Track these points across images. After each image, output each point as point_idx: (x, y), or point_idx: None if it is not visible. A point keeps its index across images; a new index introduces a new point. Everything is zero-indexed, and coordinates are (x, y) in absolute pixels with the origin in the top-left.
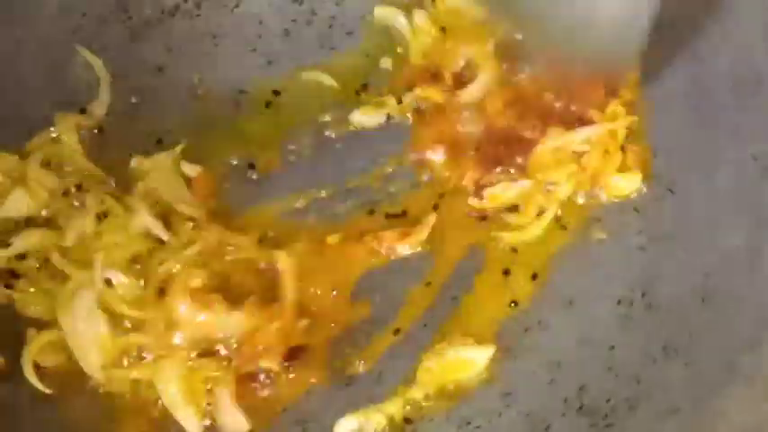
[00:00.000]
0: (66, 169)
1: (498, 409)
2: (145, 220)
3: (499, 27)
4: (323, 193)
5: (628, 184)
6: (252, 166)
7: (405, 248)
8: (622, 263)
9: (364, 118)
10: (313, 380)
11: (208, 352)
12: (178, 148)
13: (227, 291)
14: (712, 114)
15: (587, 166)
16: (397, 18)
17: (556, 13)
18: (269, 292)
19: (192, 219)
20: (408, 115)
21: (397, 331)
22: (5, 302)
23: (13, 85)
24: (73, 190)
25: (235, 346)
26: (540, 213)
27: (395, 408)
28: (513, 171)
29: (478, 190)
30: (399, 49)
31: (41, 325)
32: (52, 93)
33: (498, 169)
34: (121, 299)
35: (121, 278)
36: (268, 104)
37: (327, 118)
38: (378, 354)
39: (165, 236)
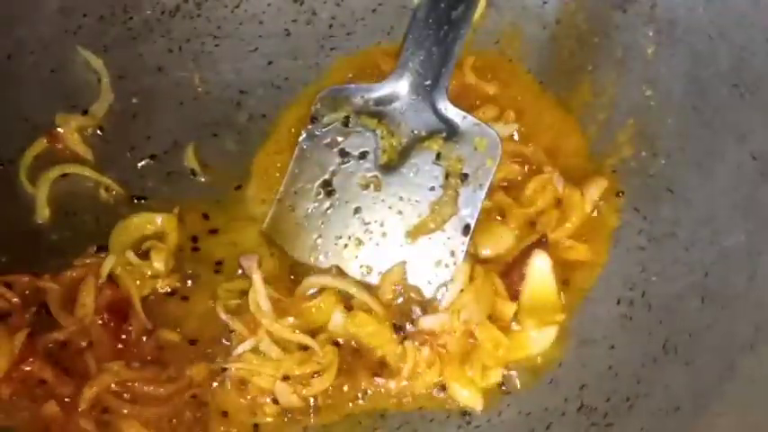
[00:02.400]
0: None
1: (498, 409)
2: None
3: None
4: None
5: None
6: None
7: None
8: (622, 263)
9: None
10: None
11: None
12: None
13: None
14: (712, 114)
15: None
16: None
17: None
18: None
19: None
20: None
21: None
22: None
23: (13, 86)
24: None
25: None
26: None
27: None
28: None
29: None
30: None
31: None
32: (53, 93)
33: None
34: None
35: None
36: None
37: None
38: None
39: None
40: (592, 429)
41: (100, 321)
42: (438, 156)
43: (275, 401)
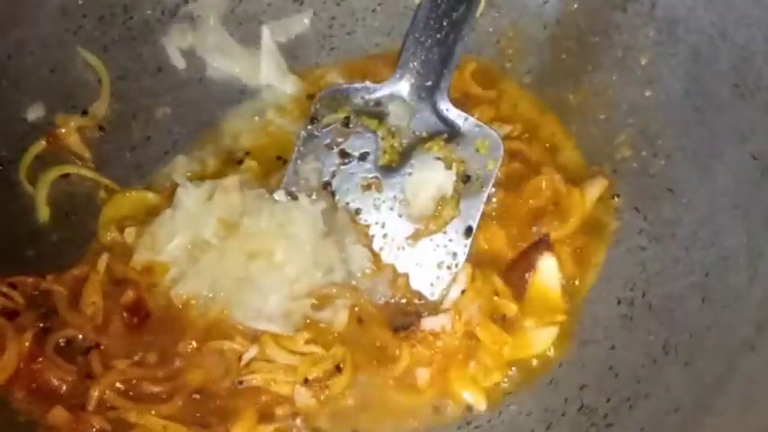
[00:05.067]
0: None
1: (498, 409)
2: None
3: None
4: None
5: None
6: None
7: None
8: (622, 263)
9: None
10: None
11: None
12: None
13: None
14: (712, 114)
15: None
16: None
17: None
18: None
19: None
20: None
21: None
22: None
23: (13, 86)
24: None
25: None
26: None
27: None
28: None
29: None
30: None
31: None
32: (53, 93)
33: None
34: None
35: None
36: None
37: None
38: None
39: None
40: (592, 430)
41: (120, 320)
42: (439, 157)
43: (289, 403)
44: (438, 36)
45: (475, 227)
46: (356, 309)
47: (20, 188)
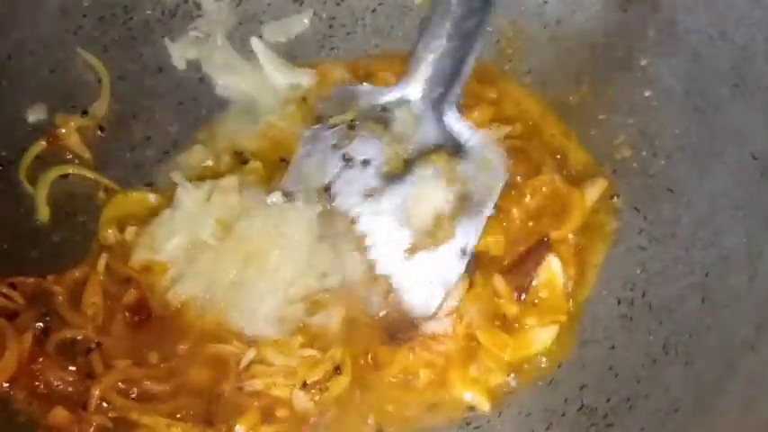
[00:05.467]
0: None
1: (498, 409)
2: None
3: None
4: None
5: None
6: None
7: None
8: (622, 263)
9: None
10: None
11: None
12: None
13: None
14: (712, 114)
15: None
16: None
17: None
18: None
19: None
20: None
21: None
22: None
23: (13, 86)
24: None
25: None
26: None
27: None
28: None
29: None
30: None
31: None
32: (53, 93)
33: None
34: None
35: None
36: None
37: None
38: None
39: None
40: (592, 430)
41: (123, 319)
42: (440, 171)
43: (288, 407)
44: (449, 46)
45: (473, 244)
46: (350, 314)
47: (20, 188)
